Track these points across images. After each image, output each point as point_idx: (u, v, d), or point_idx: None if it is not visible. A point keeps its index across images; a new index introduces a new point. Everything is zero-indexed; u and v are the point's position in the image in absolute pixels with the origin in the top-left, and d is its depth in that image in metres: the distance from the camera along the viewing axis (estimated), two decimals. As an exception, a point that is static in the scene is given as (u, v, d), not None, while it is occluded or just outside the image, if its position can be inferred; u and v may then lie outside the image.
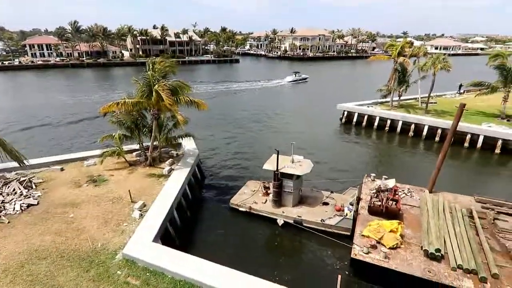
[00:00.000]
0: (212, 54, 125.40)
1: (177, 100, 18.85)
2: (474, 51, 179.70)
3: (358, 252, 13.78)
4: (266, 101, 52.84)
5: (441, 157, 18.38)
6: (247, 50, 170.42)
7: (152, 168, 20.75)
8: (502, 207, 17.37)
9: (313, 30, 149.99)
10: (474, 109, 36.86)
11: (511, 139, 29.12)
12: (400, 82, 37.51)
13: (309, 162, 18.76)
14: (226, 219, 18.70)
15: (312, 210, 18.20)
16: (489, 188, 23.22)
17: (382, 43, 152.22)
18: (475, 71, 57.49)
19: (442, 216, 16.09)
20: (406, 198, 18.35)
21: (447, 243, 14.09)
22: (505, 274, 12.62)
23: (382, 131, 36.21)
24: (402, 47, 38.50)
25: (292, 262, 15.33)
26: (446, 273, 12.66)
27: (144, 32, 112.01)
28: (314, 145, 30.72)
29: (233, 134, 34.89)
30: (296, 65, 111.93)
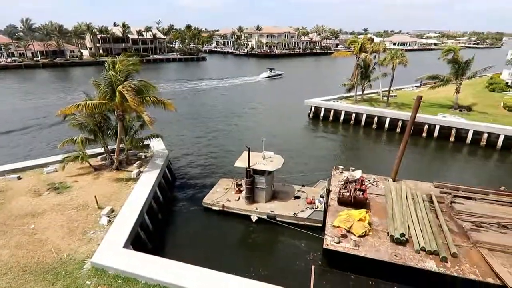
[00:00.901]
0: (178, 52, 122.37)
1: (142, 100, 18.24)
2: (429, 47, 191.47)
3: (329, 242, 14.28)
4: (236, 99, 52.75)
5: (402, 147, 19.51)
6: (214, 47, 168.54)
7: (119, 172, 19.98)
8: (458, 191, 18.80)
9: (279, 28, 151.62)
10: (430, 101, 39.43)
11: (463, 128, 31.52)
12: (363, 77, 39.18)
13: (280, 158, 19.06)
14: (199, 219, 18.51)
15: (285, 204, 18.53)
16: (446, 174, 25.03)
17: (344, 39, 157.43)
18: (430, 65, 61.38)
19: (405, 202, 17.12)
20: (372, 188, 19.27)
21: (411, 228, 15.02)
22: (463, 252, 13.70)
23: (348, 125, 37.62)
24: (363, 44, 40.09)
25: (267, 257, 15.56)
26: (411, 256, 13.50)
27: (104, 30, 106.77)
28: (284, 141, 31.22)
29: (204, 132, 34.50)
30: (264, 62, 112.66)
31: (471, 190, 18.95)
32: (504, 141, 29.58)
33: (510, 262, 13.13)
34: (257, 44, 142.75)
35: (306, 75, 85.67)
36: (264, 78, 74.20)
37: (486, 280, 12.34)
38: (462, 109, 36.70)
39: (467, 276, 12.53)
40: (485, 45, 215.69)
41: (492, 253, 13.63)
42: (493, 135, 30.11)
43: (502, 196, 18.37)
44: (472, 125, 31.24)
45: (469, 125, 31.38)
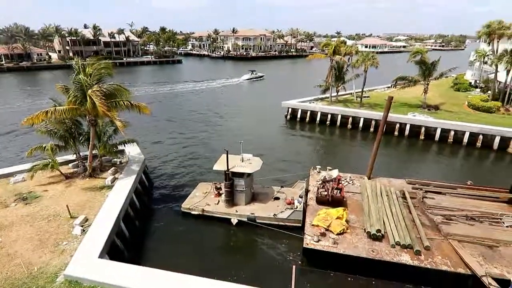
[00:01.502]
0: (152, 55, 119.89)
1: (116, 104, 17.71)
2: (398, 49, 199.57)
3: (309, 241, 14.50)
4: (214, 101, 52.36)
5: (375, 146, 20.19)
6: (190, 50, 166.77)
7: (93, 179, 19.26)
8: (429, 187, 19.71)
9: (254, 30, 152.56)
10: (400, 101, 41.12)
11: (432, 126, 33.11)
12: (337, 78, 40.22)
13: (258, 160, 19.13)
14: (178, 224, 18.16)
15: (265, 206, 18.61)
16: (417, 170, 26.15)
17: (319, 42, 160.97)
18: (399, 66, 64.03)
19: (380, 199, 17.70)
20: (348, 186, 19.77)
21: (386, 224, 15.54)
22: (435, 245, 14.35)
23: (324, 125, 38.43)
24: (337, 46, 41.18)
25: (248, 259, 15.54)
26: (387, 251, 13.97)
27: (74, 32, 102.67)
28: (262, 143, 31.38)
29: (181, 136, 33.98)
30: (241, 64, 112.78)
31: (441, 185, 19.93)
32: (469, 138, 31.38)
33: (478, 252, 13.90)
34: (233, 47, 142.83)
35: (284, 77, 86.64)
36: (246, 80, 74.80)
37: (457, 270, 12.99)
38: (430, 108, 38.53)
39: (440, 267, 13.14)
40: (450, 47, 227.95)
41: (461, 244, 14.37)
42: (459, 132, 31.86)
43: (469, 190, 19.46)
44: (440, 123, 32.89)
45: (437, 123, 33.02)
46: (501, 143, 30.23)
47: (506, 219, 16.27)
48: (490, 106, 37.75)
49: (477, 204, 17.80)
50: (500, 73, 40.07)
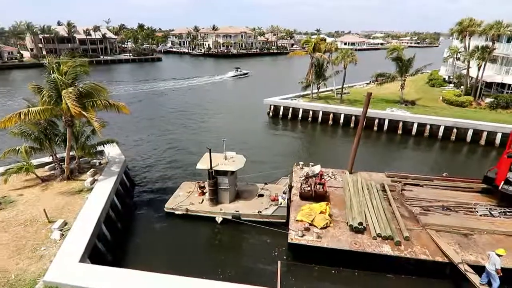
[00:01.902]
0: (131, 53, 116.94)
1: (93, 104, 17.19)
2: (376, 46, 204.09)
3: (294, 236, 14.68)
4: (196, 99, 51.74)
5: (356, 141, 20.66)
6: (169, 48, 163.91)
7: (71, 182, 18.65)
8: (407, 179, 20.41)
9: (235, 28, 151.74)
10: (379, 97, 42.18)
11: (409, 120, 34.20)
12: (318, 75, 40.74)
13: (242, 157, 19.13)
14: (162, 225, 17.91)
15: (249, 203, 18.67)
16: (396, 164, 26.98)
17: (299, 39, 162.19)
18: (378, 63, 65.54)
19: (361, 193, 18.15)
20: (331, 181, 20.14)
21: (367, 216, 15.97)
22: (414, 235, 14.88)
23: (306, 122, 38.88)
24: (316, 43, 41.68)
25: (234, 257, 15.54)
26: (369, 243, 14.37)
27: (47, 30, 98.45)
28: (245, 140, 31.39)
29: (163, 136, 33.41)
30: (222, 62, 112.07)
31: (419, 177, 20.68)
32: (444, 131, 32.67)
33: (454, 241, 14.55)
34: (214, 44, 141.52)
35: (266, 74, 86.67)
36: (231, 77, 74.83)
37: (435, 258, 13.53)
38: (407, 103, 39.79)
39: (419, 256, 13.65)
40: (425, 45, 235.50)
41: (439, 233, 14.97)
42: (435, 126, 33.10)
43: (445, 181, 20.31)
44: (416, 118, 34.03)
45: (414, 118, 34.15)
46: (474, 136, 31.66)
47: (480, 208, 17.11)
48: (463, 101, 39.41)
49: (453, 195, 18.60)
50: (472, 68, 41.85)
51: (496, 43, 38.81)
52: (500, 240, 14.63)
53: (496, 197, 17.95)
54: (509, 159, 16.80)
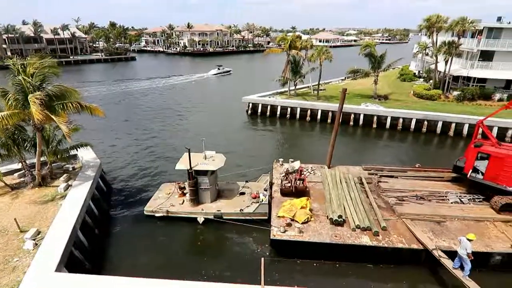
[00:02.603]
0: (103, 52, 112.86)
1: (63, 106, 16.46)
2: (349, 43, 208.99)
3: (276, 232, 14.83)
4: (173, 99, 50.82)
5: (333, 136, 21.13)
6: (143, 46, 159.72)
7: (43, 189, 17.83)
8: (382, 171, 21.12)
9: (211, 26, 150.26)
10: (354, 92, 43.24)
11: (382, 115, 35.35)
12: (294, 72, 41.19)
13: (221, 156, 19.04)
14: (142, 228, 17.50)
15: (231, 202, 18.64)
16: (372, 157, 27.83)
17: (275, 37, 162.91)
18: (352, 59, 67.20)
19: (340, 186, 18.61)
20: (310, 176, 20.49)
21: (346, 209, 16.40)
22: (390, 225, 15.45)
23: (284, 119, 39.25)
24: (292, 41, 42.09)
25: (218, 257, 15.48)
26: (349, 234, 14.77)
27: (12, 29, 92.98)
28: (225, 139, 31.26)
29: (140, 137, 32.59)
30: (199, 60, 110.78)
31: (393, 169, 21.46)
32: (415, 124, 34.06)
33: (428, 228, 15.25)
34: (189, 43, 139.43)
35: (244, 71, 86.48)
36: (213, 75, 75.09)
37: (411, 246, 14.13)
38: (381, 98, 41.08)
39: (396, 245, 14.19)
40: (396, 41, 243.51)
41: (414, 222, 15.64)
42: (407, 119, 34.42)
43: (418, 172, 21.21)
44: (389, 112, 35.23)
45: (387, 112, 35.34)
46: (443, 128, 33.22)
47: (451, 196, 18.01)
48: (432, 94, 41.20)
49: (425, 185, 19.46)
50: (439, 63, 43.78)
51: (461, 38, 40.82)
52: (470, 226, 15.49)
53: (465, 185, 18.97)
54: (476, 148, 17.79)
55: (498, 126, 30.66)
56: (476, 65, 41.48)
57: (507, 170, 16.37)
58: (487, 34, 40.14)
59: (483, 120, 18.88)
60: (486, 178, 17.26)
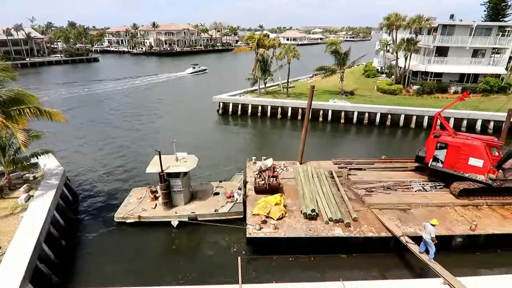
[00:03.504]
0: (62, 54, 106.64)
1: (19, 112, 15.42)
2: (316, 41, 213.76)
3: (252, 230, 14.93)
4: (141, 100, 49.18)
5: (303, 132, 21.61)
6: (106, 47, 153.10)
7: (1, 201, 16.60)
8: (351, 164, 21.92)
9: (177, 25, 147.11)
10: (322, 89, 44.39)
11: (350, 110, 36.65)
12: (263, 70, 41.50)
13: (194, 157, 18.79)
14: (113, 237, 16.85)
15: (205, 203, 18.46)
16: (341, 151, 28.79)
17: (243, 36, 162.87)
18: (318, 56, 68.88)
19: (312, 181, 19.07)
20: (283, 173, 20.82)
21: (319, 203, 16.85)
22: (361, 216, 16.09)
23: (256, 117, 39.48)
24: (260, 39, 42.37)
25: (194, 259, 15.30)
26: (322, 227, 15.19)
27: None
28: (196, 140, 30.85)
29: (107, 141, 31.24)
30: (166, 60, 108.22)
31: (361, 162, 22.35)
32: (380, 118, 35.69)
33: (395, 216, 16.08)
34: (156, 42, 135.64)
35: (214, 71, 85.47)
36: (189, 74, 76.51)
37: (381, 234, 14.83)
38: (347, 94, 42.55)
39: (367, 234, 14.83)
40: (359, 38, 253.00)
41: (382, 211, 16.42)
42: (372, 114, 35.97)
43: (384, 163, 22.27)
44: (356, 107, 36.61)
45: (354, 107, 36.69)
46: (405, 121, 35.10)
47: (414, 185, 19.10)
48: (394, 89, 43.33)
49: (391, 175, 20.48)
50: (400, 59, 46.13)
51: (418, 35, 43.27)
52: (433, 211, 16.54)
53: (427, 174, 20.20)
54: (435, 139, 18.98)
55: (454, 117, 32.89)
56: (432, 61, 44.16)
57: (463, 157, 17.64)
58: (442, 31, 42.89)
59: (441, 112, 20.19)
60: (445, 166, 18.49)
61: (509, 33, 42.59)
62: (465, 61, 43.23)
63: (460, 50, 42.78)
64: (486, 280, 11.63)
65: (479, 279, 11.66)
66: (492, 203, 17.21)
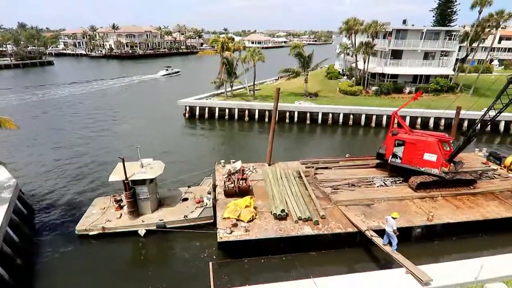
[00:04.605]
0: (12, 57, 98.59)
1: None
2: (280, 44, 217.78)
3: (222, 234, 14.79)
4: (102, 106, 46.80)
5: (271, 134, 21.92)
6: (62, 49, 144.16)
7: None
8: (318, 164, 22.55)
9: (139, 27, 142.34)
10: (287, 91, 45.31)
11: (314, 111, 37.77)
12: (229, 74, 41.51)
13: (160, 163, 18.28)
14: (75, 251, 15.82)
15: (173, 209, 18.02)
16: (308, 151, 29.57)
17: (208, 39, 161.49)
18: (283, 59, 70.21)
19: (281, 182, 19.37)
20: (252, 175, 20.90)
21: (288, 203, 17.14)
22: (328, 213, 16.60)
23: (223, 120, 39.33)
24: (225, 42, 42.34)
25: (164, 269, 14.85)
26: (292, 227, 15.46)
27: None
28: (163, 145, 30.04)
29: (66, 149, 29.34)
30: (128, 63, 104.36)
31: (327, 161, 23.08)
32: (343, 118, 37.21)
33: (360, 212, 16.78)
34: (116, 45, 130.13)
35: (186, 73, 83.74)
36: (162, 76, 76.86)
37: (347, 230, 15.39)
38: (311, 95, 43.80)
39: (334, 231, 15.32)
40: (321, 42, 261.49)
41: (348, 208, 17.06)
42: (336, 114, 37.37)
43: (348, 161, 23.17)
44: (320, 108, 37.83)
45: (318, 108, 37.91)
46: (366, 120, 36.90)
47: (376, 181, 20.09)
48: (355, 90, 45.36)
49: (355, 172, 21.38)
50: (359, 62, 48.35)
51: (375, 39, 45.70)
52: (394, 205, 17.51)
53: (387, 169, 21.35)
54: (393, 136, 20.14)
55: (409, 115, 35.15)
56: (389, 63, 46.83)
57: (419, 153, 18.90)
58: (396, 35, 45.63)
59: (397, 111, 21.48)
60: (404, 161, 19.69)
61: (455, 37, 46.41)
62: (418, 63, 46.38)
63: (413, 53, 45.83)
64: (443, 266, 12.52)
65: (438, 266, 12.52)
66: (446, 195, 18.61)
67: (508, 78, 16.39)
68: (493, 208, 17.42)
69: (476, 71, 51.09)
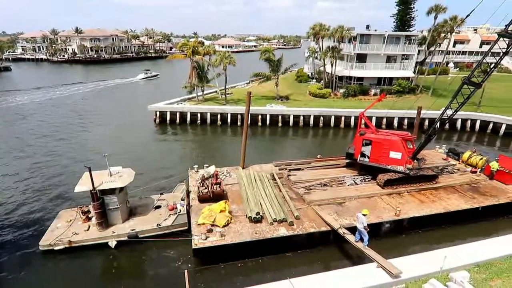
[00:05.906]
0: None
1: None
2: (250, 48, 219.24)
3: (197, 241, 14.58)
4: (65, 113, 44.39)
5: (244, 137, 21.98)
6: (20, 54, 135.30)
7: None
8: (291, 165, 22.94)
9: (104, 30, 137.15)
10: (259, 95, 45.73)
11: (286, 114, 38.41)
12: (200, 78, 41.14)
13: (130, 171, 17.68)
14: (39, 268, 14.82)
15: (146, 218, 17.47)
16: (281, 153, 30.02)
17: (177, 43, 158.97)
18: (254, 63, 70.77)
19: (255, 185, 19.47)
20: (226, 179, 20.83)
21: (263, 205, 17.26)
22: (302, 213, 16.91)
23: (195, 125, 38.88)
24: (194, 46, 41.96)
25: (138, 281, 14.32)
26: (267, 229, 15.57)
27: None
28: (132, 152, 29.06)
29: (27, 160, 27.43)
30: (93, 69, 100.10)
31: (299, 162, 23.55)
32: (313, 120, 38.19)
33: (333, 210, 17.27)
34: (79, 49, 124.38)
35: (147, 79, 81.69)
36: (142, 79, 77.58)
37: (321, 229, 15.76)
38: (283, 98, 44.51)
39: (309, 230, 15.63)
40: (290, 46, 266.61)
41: (321, 207, 17.49)
42: (306, 116, 38.27)
43: (319, 162, 23.77)
44: (291, 111, 38.59)
45: (290, 111, 38.65)
46: (336, 121, 38.16)
47: (347, 180, 20.78)
48: (324, 93, 46.68)
49: (326, 172, 21.98)
50: (327, 65, 49.91)
51: (341, 44, 47.44)
52: (364, 203, 18.18)
53: (357, 168, 22.16)
54: (361, 136, 20.97)
55: (375, 116, 36.76)
56: (354, 66, 48.74)
57: (385, 152, 19.82)
58: (360, 40, 47.67)
59: (364, 112, 22.41)
60: (371, 160, 20.54)
61: (414, 42, 49.31)
62: (381, 66, 48.73)
63: (376, 56, 48.08)
64: (411, 258, 13.20)
65: (406, 258, 13.17)
66: (411, 190, 19.66)
67: (463, 79, 17.70)
68: (454, 201, 18.66)
69: (434, 73, 54.54)
